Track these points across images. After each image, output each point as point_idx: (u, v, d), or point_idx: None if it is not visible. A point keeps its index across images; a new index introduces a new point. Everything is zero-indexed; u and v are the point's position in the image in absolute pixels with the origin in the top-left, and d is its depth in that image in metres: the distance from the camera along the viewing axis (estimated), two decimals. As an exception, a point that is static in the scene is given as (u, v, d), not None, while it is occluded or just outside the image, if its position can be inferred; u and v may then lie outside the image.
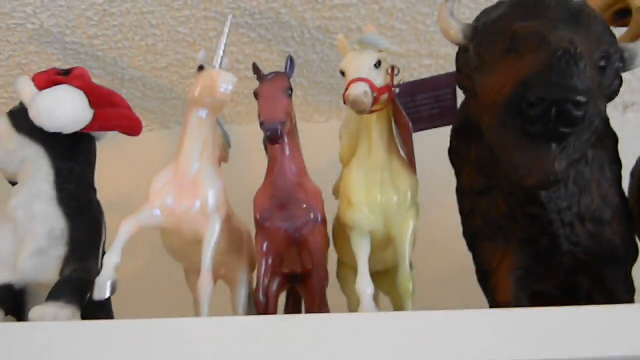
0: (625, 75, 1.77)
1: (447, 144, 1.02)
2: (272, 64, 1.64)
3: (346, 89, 0.86)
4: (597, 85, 0.76)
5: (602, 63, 0.78)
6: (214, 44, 1.59)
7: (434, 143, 1.04)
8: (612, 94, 0.83)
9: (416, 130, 0.93)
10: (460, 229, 1.00)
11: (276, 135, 0.83)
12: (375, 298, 1.10)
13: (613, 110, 1.90)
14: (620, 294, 0.87)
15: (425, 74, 1.55)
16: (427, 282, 1.08)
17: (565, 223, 0.84)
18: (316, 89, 1.74)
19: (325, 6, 1.51)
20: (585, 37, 0.76)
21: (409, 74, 1.65)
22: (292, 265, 0.97)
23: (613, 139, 0.93)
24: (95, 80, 1.68)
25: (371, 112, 0.88)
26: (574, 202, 0.84)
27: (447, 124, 0.97)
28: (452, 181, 1.03)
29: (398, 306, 1.05)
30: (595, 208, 0.85)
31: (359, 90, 0.84)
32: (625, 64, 0.82)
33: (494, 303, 0.89)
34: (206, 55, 1.02)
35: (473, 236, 0.93)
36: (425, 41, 1.55)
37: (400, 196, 0.89)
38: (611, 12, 0.94)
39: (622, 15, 0.95)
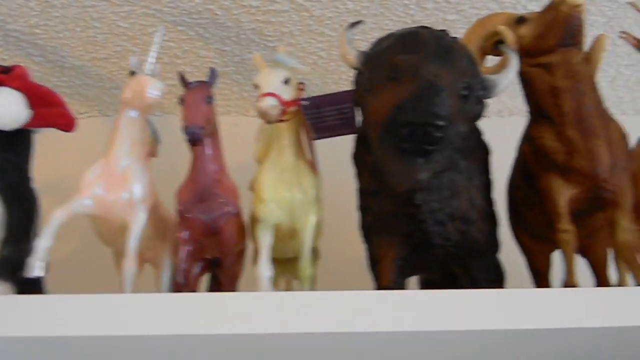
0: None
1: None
2: (209, 60, 1.75)
3: (258, 101, 1.00)
4: (458, 111, 0.92)
5: (465, 92, 0.94)
6: (151, 39, 1.68)
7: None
8: (476, 117, 1.00)
9: (322, 138, 1.08)
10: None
11: (196, 139, 0.97)
12: (289, 282, 1.25)
13: None
14: (483, 281, 1.05)
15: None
16: (335, 267, 1.24)
17: (438, 221, 1.01)
18: (251, 86, 1.85)
19: (260, 11, 1.63)
20: (452, 70, 0.93)
21: (338, 77, 1.80)
22: (212, 252, 1.10)
23: (484, 151, 1.09)
24: (35, 67, 1.75)
25: (281, 121, 1.03)
26: (446, 205, 1.01)
27: (349, 134, 1.12)
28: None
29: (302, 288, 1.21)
30: (464, 210, 1.02)
31: (267, 104, 0.99)
32: (487, 93, 0.99)
33: (378, 287, 1.06)
34: (139, 62, 1.13)
35: (366, 230, 1.08)
36: (352, 48, 1.69)
37: (304, 194, 1.05)
38: (491, 42, 1.11)
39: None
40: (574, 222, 1.04)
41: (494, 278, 1.05)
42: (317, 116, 1.08)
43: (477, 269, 1.05)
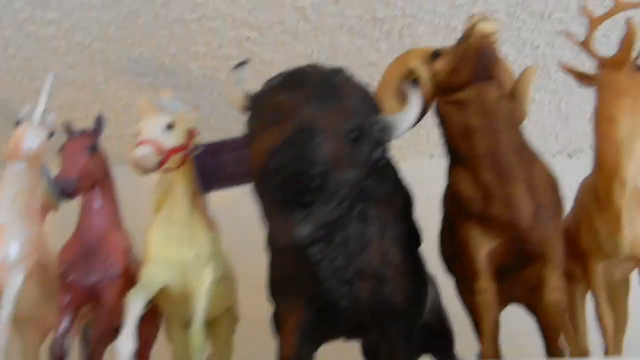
0: (568, 125, 1.83)
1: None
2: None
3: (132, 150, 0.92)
4: (345, 156, 0.80)
5: (353, 135, 0.82)
6: (102, 88, 1.65)
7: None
8: (377, 161, 0.86)
9: (222, 187, 0.98)
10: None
11: (67, 191, 0.88)
12: None
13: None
14: (401, 351, 0.90)
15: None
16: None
17: (344, 281, 0.88)
18: (209, 132, 1.80)
19: (208, 57, 1.58)
20: (335, 111, 0.81)
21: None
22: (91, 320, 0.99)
23: (402, 198, 0.97)
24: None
25: (167, 170, 0.94)
26: (353, 261, 0.88)
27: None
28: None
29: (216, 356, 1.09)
30: (376, 266, 0.89)
31: (139, 153, 0.90)
32: (386, 135, 0.86)
33: (280, 357, 0.91)
34: (29, 111, 1.07)
35: (271, 289, 0.96)
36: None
37: (197, 251, 0.94)
38: (410, 80, 1.00)
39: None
40: (509, 276, 0.91)
41: (412, 346, 0.91)
42: (216, 164, 0.98)
43: (394, 335, 0.91)
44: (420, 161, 1.98)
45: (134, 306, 0.91)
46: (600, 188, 0.92)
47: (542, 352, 1.06)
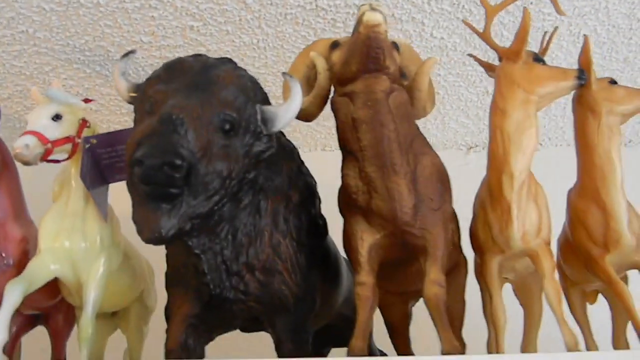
0: (469, 120, 1.84)
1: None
2: (113, 97, 1.71)
3: None
4: (215, 147, 0.79)
5: (227, 126, 0.81)
6: (50, 77, 1.66)
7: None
8: (260, 154, 0.85)
9: (119, 180, 0.97)
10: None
11: None
12: None
13: (457, 152, 1.97)
14: (288, 344, 0.90)
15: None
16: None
17: (232, 272, 0.88)
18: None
19: (153, 47, 1.57)
20: (208, 103, 0.80)
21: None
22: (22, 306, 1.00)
23: (300, 192, 0.96)
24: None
25: (54, 161, 0.94)
26: (242, 253, 0.88)
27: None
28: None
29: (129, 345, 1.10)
30: (266, 258, 0.89)
31: (19, 143, 0.90)
32: (267, 126, 0.85)
33: (165, 350, 0.90)
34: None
35: (165, 280, 0.96)
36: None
37: (88, 242, 0.94)
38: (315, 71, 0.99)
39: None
40: (401, 271, 0.90)
41: (300, 340, 0.90)
42: (114, 155, 0.98)
43: (282, 328, 0.90)
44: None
45: (10, 297, 0.90)
46: (491, 182, 0.91)
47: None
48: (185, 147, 0.76)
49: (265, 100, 0.88)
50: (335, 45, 0.93)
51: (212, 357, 0.95)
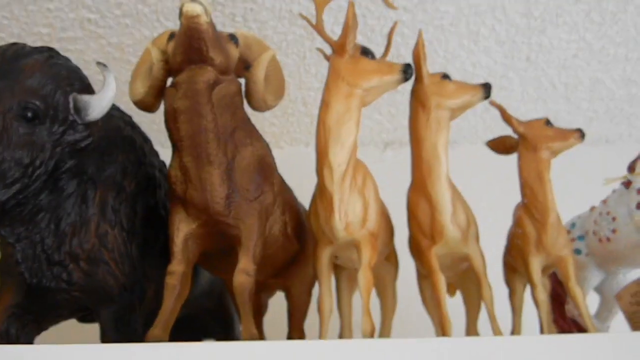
0: (382, 117, 1.86)
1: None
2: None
3: None
4: (14, 135, 0.80)
5: (29, 114, 0.82)
6: None
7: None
8: (75, 143, 0.86)
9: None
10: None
11: None
12: None
13: (374, 149, 2.00)
14: (111, 333, 0.91)
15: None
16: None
17: (53, 262, 0.89)
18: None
19: (54, 38, 1.58)
20: (9, 91, 0.81)
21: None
22: None
23: (137, 182, 0.96)
24: None
25: None
26: (65, 242, 0.88)
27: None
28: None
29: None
30: (91, 248, 0.90)
31: None
32: (80, 115, 0.86)
33: None
34: None
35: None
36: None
37: None
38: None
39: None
40: (224, 261, 0.91)
41: (125, 331, 0.90)
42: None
43: (107, 318, 0.90)
44: (297, 149, 2.00)
45: None
46: (317, 174, 0.92)
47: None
48: None
49: (84, 90, 0.89)
50: (172, 36, 0.94)
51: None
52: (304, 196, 1.07)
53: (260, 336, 1.02)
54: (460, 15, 1.57)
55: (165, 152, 1.01)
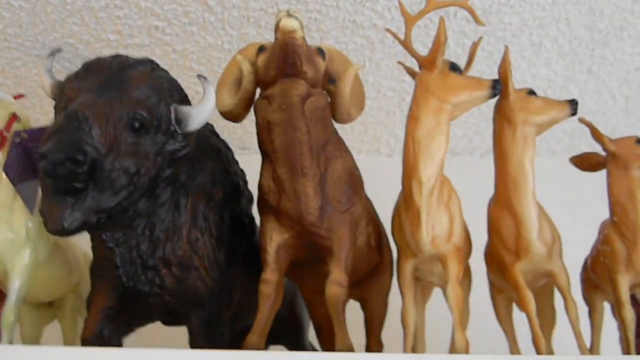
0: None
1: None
2: (84, 94, 1.75)
3: None
4: (123, 144, 0.82)
5: (137, 125, 0.84)
6: (22, 72, 1.70)
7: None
8: (175, 152, 0.88)
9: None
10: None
11: None
12: None
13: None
14: (200, 338, 0.92)
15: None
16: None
17: (148, 267, 0.91)
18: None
19: (121, 45, 1.61)
20: (118, 101, 0.84)
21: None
22: None
23: (224, 190, 0.98)
24: None
25: None
26: (159, 248, 0.91)
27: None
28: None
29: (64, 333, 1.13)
30: (183, 254, 0.92)
31: None
32: (181, 125, 0.88)
33: (81, 340, 0.92)
34: None
35: (90, 272, 0.99)
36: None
37: (15, 233, 0.97)
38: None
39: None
40: (314, 271, 0.92)
41: (214, 335, 0.92)
42: (42, 150, 1.01)
43: (196, 323, 0.92)
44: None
45: None
46: (404, 187, 0.93)
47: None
48: (90, 144, 0.79)
49: (183, 101, 0.91)
50: (261, 49, 0.95)
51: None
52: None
53: (380, 349, 1.02)
54: (523, 27, 1.57)
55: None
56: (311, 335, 1.21)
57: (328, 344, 1.09)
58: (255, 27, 1.55)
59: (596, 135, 1.05)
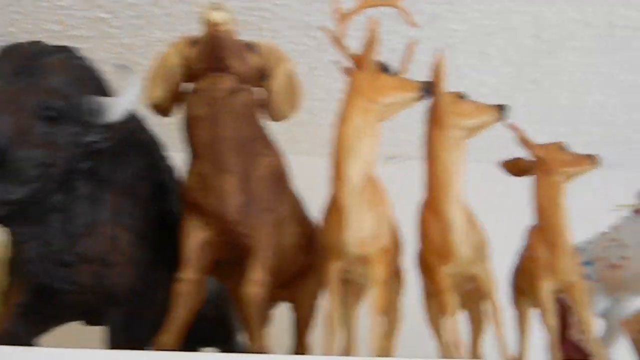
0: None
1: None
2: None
3: None
4: (34, 135, 0.79)
5: (49, 114, 0.82)
6: None
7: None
8: (92, 144, 0.85)
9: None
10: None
11: None
12: None
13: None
14: (118, 337, 0.90)
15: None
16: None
17: (63, 263, 0.88)
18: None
19: (64, 36, 1.57)
20: (30, 89, 0.81)
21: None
22: None
23: (151, 186, 0.96)
24: None
25: None
26: (77, 243, 0.87)
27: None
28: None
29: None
30: (103, 250, 0.89)
31: None
32: (98, 117, 0.85)
33: None
34: None
35: (9, 268, 0.95)
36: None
37: None
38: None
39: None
40: (235, 271, 0.90)
41: (133, 334, 0.90)
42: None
43: (115, 321, 0.90)
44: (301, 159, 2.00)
45: None
46: (331, 188, 0.92)
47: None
48: None
49: (102, 92, 0.89)
50: (194, 42, 0.93)
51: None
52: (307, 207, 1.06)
53: (304, 351, 1.01)
54: (470, 34, 1.58)
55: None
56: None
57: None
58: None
59: (522, 140, 1.06)
